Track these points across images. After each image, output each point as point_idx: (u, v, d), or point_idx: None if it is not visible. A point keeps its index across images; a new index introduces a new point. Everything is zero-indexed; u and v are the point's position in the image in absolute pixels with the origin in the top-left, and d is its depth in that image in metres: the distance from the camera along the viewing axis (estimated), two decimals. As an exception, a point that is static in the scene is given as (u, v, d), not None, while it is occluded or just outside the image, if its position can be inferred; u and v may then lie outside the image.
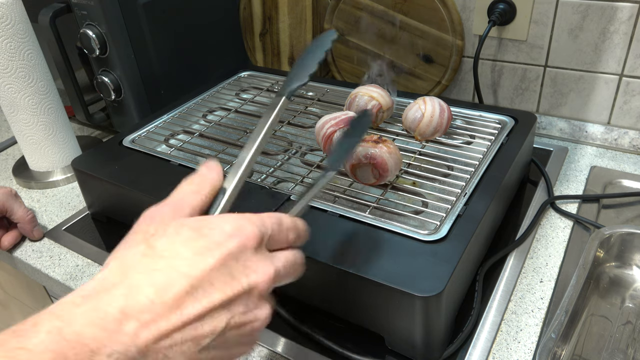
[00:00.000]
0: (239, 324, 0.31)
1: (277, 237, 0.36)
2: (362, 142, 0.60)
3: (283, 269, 0.35)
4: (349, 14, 0.96)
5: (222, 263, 0.31)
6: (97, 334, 0.26)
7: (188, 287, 0.29)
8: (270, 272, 0.33)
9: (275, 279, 0.33)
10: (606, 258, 0.62)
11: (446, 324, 0.51)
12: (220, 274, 0.30)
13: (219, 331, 0.30)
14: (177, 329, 0.28)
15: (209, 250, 0.31)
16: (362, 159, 0.59)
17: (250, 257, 0.32)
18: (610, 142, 0.85)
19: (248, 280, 0.31)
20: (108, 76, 0.88)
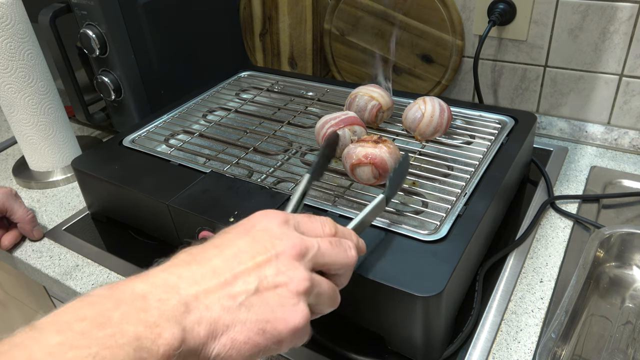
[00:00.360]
0: (272, 284, 0.34)
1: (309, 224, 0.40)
2: (362, 142, 0.60)
3: (311, 244, 0.37)
4: (349, 14, 0.96)
5: (253, 239, 0.36)
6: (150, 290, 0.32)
7: (225, 262, 0.35)
8: (296, 241, 0.37)
9: (302, 248, 0.36)
10: (606, 258, 0.62)
11: (446, 324, 0.51)
12: (253, 248, 0.36)
13: (252, 290, 0.33)
14: (217, 289, 0.33)
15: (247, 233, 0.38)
16: (362, 159, 0.58)
17: (276, 232, 0.37)
18: (610, 142, 0.85)
19: (275, 248, 0.36)
20: (108, 76, 0.88)
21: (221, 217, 0.57)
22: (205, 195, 0.61)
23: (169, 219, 0.63)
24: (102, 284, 0.66)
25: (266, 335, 0.33)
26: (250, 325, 0.33)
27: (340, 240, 0.40)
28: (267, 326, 0.33)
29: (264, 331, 0.33)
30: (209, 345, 0.32)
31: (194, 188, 0.63)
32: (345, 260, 0.39)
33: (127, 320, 0.29)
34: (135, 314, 0.30)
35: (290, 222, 0.39)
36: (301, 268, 0.36)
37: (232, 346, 0.32)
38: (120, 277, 0.67)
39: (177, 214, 0.61)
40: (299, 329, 0.34)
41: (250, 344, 0.33)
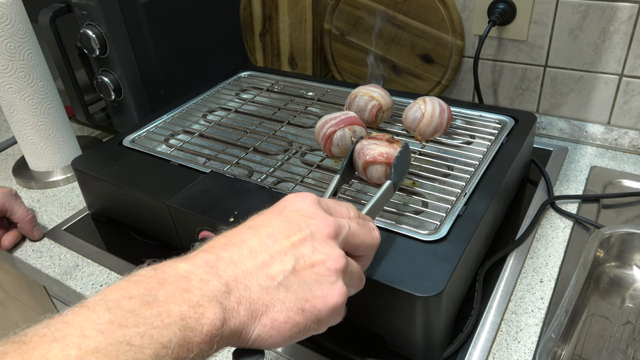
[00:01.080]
0: (310, 263, 0.35)
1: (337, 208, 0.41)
2: (375, 140, 0.60)
3: (343, 224, 0.38)
4: (349, 14, 0.96)
5: (286, 219, 0.37)
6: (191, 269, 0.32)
7: (261, 243, 0.35)
8: (329, 220, 0.37)
9: (335, 227, 0.37)
10: (606, 258, 0.62)
11: (446, 324, 0.51)
12: (287, 227, 0.36)
13: (290, 269, 0.34)
14: (256, 270, 0.33)
15: (280, 215, 0.38)
16: (378, 157, 0.58)
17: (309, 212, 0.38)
18: (610, 142, 0.85)
19: (309, 227, 0.36)
20: (108, 76, 0.88)
21: (221, 217, 0.57)
22: (205, 195, 0.61)
23: (169, 219, 0.63)
24: (102, 284, 0.66)
25: (306, 314, 0.33)
26: (289, 305, 0.33)
27: (365, 222, 0.41)
28: (307, 305, 0.33)
29: (303, 310, 0.33)
30: (249, 326, 0.32)
31: (194, 188, 0.63)
32: (371, 241, 0.40)
33: (172, 299, 0.30)
34: (179, 293, 0.30)
35: (321, 204, 0.39)
36: (336, 246, 0.36)
37: (272, 326, 0.33)
38: (120, 277, 0.66)
39: (177, 214, 0.61)
40: (337, 306, 0.35)
41: (290, 324, 0.33)
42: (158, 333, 0.28)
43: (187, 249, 0.63)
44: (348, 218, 0.39)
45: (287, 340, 0.33)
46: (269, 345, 0.33)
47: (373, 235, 0.41)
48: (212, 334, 0.30)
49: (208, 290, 0.31)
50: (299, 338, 0.34)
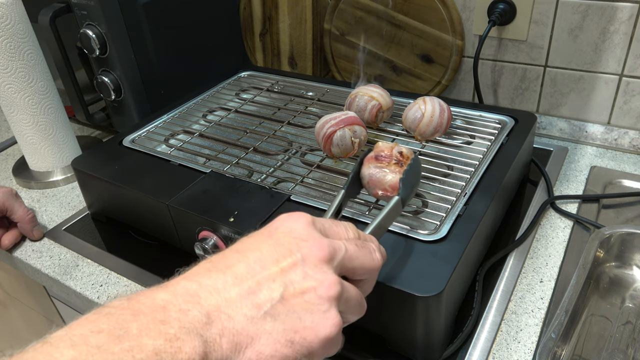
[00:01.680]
0: (300, 290, 0.32)
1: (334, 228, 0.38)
2: (383, 162, 0.55)
3: (339, 246, 0.35)
4: (349, 14, 0.96)
5: (277, 242, 0.34)
6: (170, 299, 0.30)
7: (247, 268, 0.32)
8: (323, 242, 0.34)
9: (330, 250, 0.34)
10: (606, 258, 0.62)
11: (446, 324, 0.51)
12: (276, 251, 0.33)
13: (278, 297, 0.31)
14: (240, 298, 0.31)
15: (270, 237, 0.35)
16: (389, 190, 0.53)
17: (302, 234, 0.35)
18: (610, 142, 0.85)
19: (300, 251, 0.33)
20: (108, 76, 0.88)
21: (221, 217, 0.57)
22: (205, 195, 0.61)
23: (169, 219, 0.63)
24: (102, 284, 0.66)
25: (295, 347, 0.31)
26: (277, 336, 0.30)
27: (365, 243, 0.38)
28: (296, 336, 0.31)
29: (292, 342, 0.31)
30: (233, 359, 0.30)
31: (194, 188, 0.63)
32: (371, 264, 0.37)
33: (147, 332, 0.28)
34: (155, 325, 0.28)
35: (316, 224, 0.36)
36: (330, 271, 0.33)
37: (259, 359, 0.30)
38: (120, 277, 0.67)
39: (177, 214, 0.61)
40: (330, 338, 0.32)
41: (277, 357, 0.30)
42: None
43: (187, 249, 0.64)
44: (346, 239, 0.37)
45: None
46: None
47: (374, 257, 0.38)
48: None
49: (187, 321, 0.29)
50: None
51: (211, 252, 0.58)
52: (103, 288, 0.65)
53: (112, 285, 0.66)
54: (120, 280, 0.66)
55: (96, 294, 0.65)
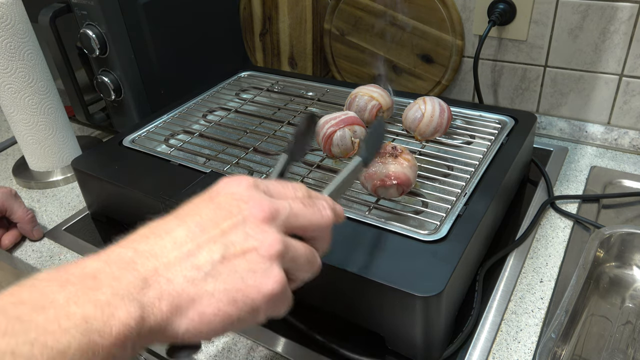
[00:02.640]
0: (241, 250, 0.32)
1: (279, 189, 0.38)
2: (379, 157, 0.57)
3: (282, 205, 0.35)
4: (349, 14, 0.96)
5: (217, 205, 0.34)
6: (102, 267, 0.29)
7: (187, 232, 0.32)
8: (264, 202, 0.34)
9: (271, 210, 0.34)
10: (606, 258, 0.62)
11: (446, 324, 0.51)
12: (217, 214, 0.33)
13: (218, 258, 0.31)
14: (179, 261, 0.31)
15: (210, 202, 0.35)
16: (387, 180, 0.56)
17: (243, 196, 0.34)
18: (610, 142, 0.85)
19: (241, 212, 0.33)
20: (108, 76, 0.88)
21: (221, 217, 0.57)
22: (205, 195, 0.61)
23: (169, 219, 0.63)
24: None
25: (238, 305, 0.31)
26: (219, 296, 0.30)
27: (314, 201, 0.37)
28: (238, 295, 0.31)
29: (235, 301, 0.31)
30: (174, 322, 0.29)
31: (194, 188, 0.63)
32: (320, 221, 0.37)
33: (75, 301, 0.27)
34: (83, 294, 0.27)
35: (259, 186, 0.36)
36: (272, 230, 0.33)
37: (201, 320, 0.30)
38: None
39: (177, 214, 0.61)
40: (274, 294, 0.32)
41: (221, 316, 0.30)
42: (53, 339, 0.25)
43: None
44: (292, 198, 0.36)
45: (220, 332, 0.31)
46: (200, 338, 0.31)
47: (323, 214, 0.37)
48: (124, 335, 0.27)
49: (121, 288, 0.28)
50: (234, 329, 0.32)
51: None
52: (103, 288, 0.65)
53: (112, 285, 0.66)
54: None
55: (96, 294, 0.64)
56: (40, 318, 0.25)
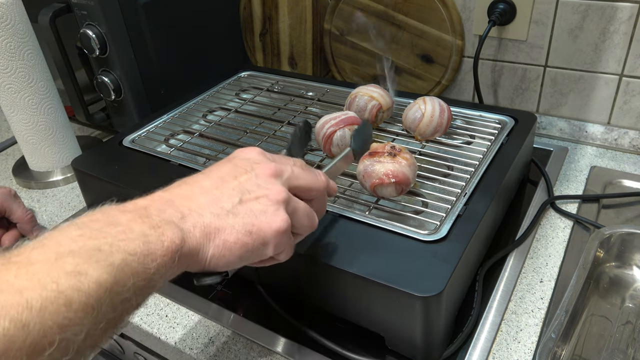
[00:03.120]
0: (255, 196, 0.40)
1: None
2: (377, 156, 0.58)
3: (286, 167, 0.43)
4: (349, 14, 0.96)
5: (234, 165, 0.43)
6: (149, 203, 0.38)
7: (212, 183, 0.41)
8: (272, 164, 0.43)
9: (277, 169, 0.42)
10: (606, 258, 0.62)
11: (446, 324, 0.51)
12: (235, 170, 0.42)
13: (237, 201, 0.39)
14: (208, 203, 0.39)
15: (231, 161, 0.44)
16: (384, 179, 0.56)
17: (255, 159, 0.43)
18: (610, 142, 0.85)
19: (254, 170, 0.42)
20: (108, 76, 0.88)
21: (221, 217, 0.57)
22: (205, 195, 0.61)
23: (169, 219, 0.62)
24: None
25: (253, 236, 0.39)
26: (238, 228, 0.38)
27: (310, 168, 0.46)
28: (253, 228, 0.39)
29: (250, 233, 0.38)
30: (205, 246, 0.37)
31: (194, 188, 0.63)
32: (316, 184, 0.45)
33: (134, 222, 0.34)
34: (140, 218, 0.35)
35: (266, 154, 0.44)
36: (278, 183, 0.41)
37: (225, 246, 0.38)
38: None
39: (177, 214, 0.61)
40: (280, 231, 0.39)
41: (239, 244, 0.38)
42: (124, 244, 0.32)
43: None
44: (293, 165, 0.44)
45: (238, 259, 0.39)
46: (223, 263, 0.38)
47: (318, 179, 0.45)
48: (172, 249, 0.35)
49: (165, 217, 0.36)
50: (248, 258, 0.39)
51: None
52: (103, 288, 0.65)
53: (112, 285, 0.66)
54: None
55: (96, 294, 0.64)
56: (113, 230, 0.33)
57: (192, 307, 0.61)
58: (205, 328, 0.59)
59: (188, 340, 0.57)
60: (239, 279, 0.62)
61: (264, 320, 0.58)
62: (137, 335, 0.62)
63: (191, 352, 0.56)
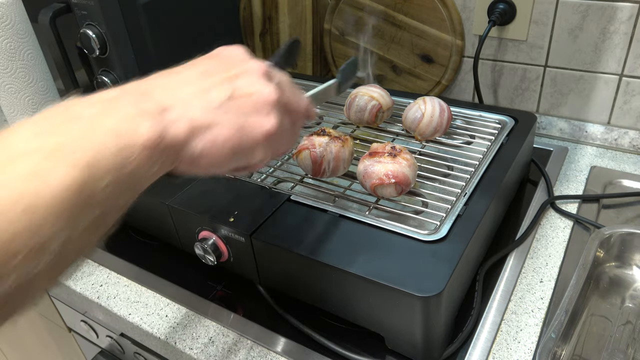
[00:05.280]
0: (246, 93, 0.36)
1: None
2: (377, 156, 0.58)
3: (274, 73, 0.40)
4: (349, 14, 0.96)
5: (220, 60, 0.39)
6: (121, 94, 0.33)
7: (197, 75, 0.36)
8: (262, 65, 0.39)
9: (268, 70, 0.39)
10: (606, 258, 0.62)
11: (446, 324, 0.51)
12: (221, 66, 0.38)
13: (227, 96, 0.35)
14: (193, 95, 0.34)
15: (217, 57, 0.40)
16: (384, 179, 0.56)
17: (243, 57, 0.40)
18: (610, 142, 0.85)
19: (244, 65, 0.38)
20: (108, 76, 0.87)
21: (221, 217, 0.57)
22: (205, 195, 0.61)
23: (169, 219, 0.63)
24: (102, 284, 0.66)
25: (243, 137, 0.35)
26: (229, 125, 0.35)
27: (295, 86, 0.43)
28: (245, 128, 0.35)
29: (241, 132, 0.35)
30: (191, 143, 0.33)
31: (194, 188, 0.63)
32: (300, 100, 0.42)
33: (102, 115, 0.30)
34: (108, 112, 0.30)
35: (252, 55, 0.40)
36: (270, 84, 0.37)
37: (214, 144, 0.34)
38: (120, 277, 0.67)
39: (177, 214, 0.61)
40: (271, 134, 0.36)
41: (230, 143, 0.35)
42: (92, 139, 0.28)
43: (187, 249, 0.64)
44: (280, 75, 0.42)
45: (226, 159, 0.35)
46: (209, 163, 0.35)
47: (301, 96, 0.43)
48: (150, 144, 0.30)
49: (141, 108, 0.31)
50: (235, 161, 0.36)
51: (211, 252, 0.58)
52: (103, 288, 0.65)
53: (112, 285, 0.66)
54: (120, 280, 0.66)
55: (96, 294, 0.65)
56: (75, 126, 0.28)
57: (192, 307, 0.61)
58: (205, 328, 0.59)
59: (188, 340, 0.57)
60: (239, 279, 0.62)
61: (264, 320, 0.58)
62: (137, 335, 0.62)
63: (191, 352, 0.56)
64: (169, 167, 0.34)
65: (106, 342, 0.79)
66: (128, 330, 0.63)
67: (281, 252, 0.53)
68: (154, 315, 0.61)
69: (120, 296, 0.64)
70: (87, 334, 0.83)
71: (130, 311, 0.62)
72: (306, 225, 0.55)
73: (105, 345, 0.81)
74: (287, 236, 0.54)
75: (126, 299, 0.63)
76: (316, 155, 0.60)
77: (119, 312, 0.62)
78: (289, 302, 0.58)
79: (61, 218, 0.26)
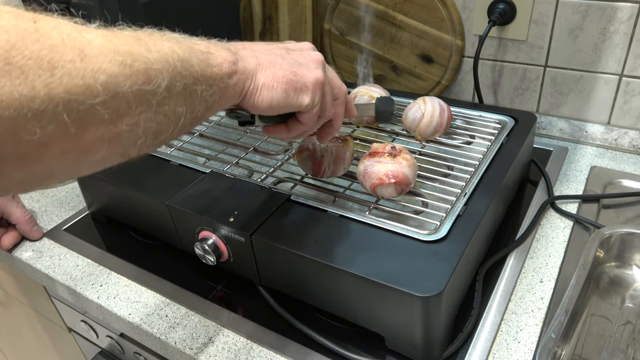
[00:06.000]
0: (300, 54, 0.47)
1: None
2: (377, 156, 0.58)
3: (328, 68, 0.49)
4: (349, 14, 0.96)
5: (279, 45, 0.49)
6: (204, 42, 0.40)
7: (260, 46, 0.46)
8: (319, 54, 0.49)
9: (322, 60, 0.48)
10: (606, 258, 0.62)
11: (446, 324, 0.51)
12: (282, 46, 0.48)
13: (285, 52, 0.46)
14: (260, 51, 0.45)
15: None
16: (384, 179, 0.56)
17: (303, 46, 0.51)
18: (610, 142, 0.85)
19: (302, 49, 0.49)
20: (108, 76, 0.87)
21: (221, 217, 0.57)
22: (205, 195, 0.61)
23: (169, 219, 0.63)
24: (102, 284, 0.66)
25: (296, 77, 0.44)
26: (285, 66, 0.44)
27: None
28: (298, 71, 0.45)
29: (295, 73, 0.44)
30: (257, 73, 0.42)
31: (194, 188, 0.63)
32: (342, 86, 0.51)
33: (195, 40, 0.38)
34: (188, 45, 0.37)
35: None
36: (319, 67, 0.47)
37: (274, 78, 0.43)
38: (120, 277, 0.67)
39: (177, 214, 0.61)
40: (318, 81, 0.46)
41: (285, 79, 0.43)
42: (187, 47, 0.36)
43: (187, 249, 0.64)
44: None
45: (282, 94, 0.43)
46: (268, 95, 0.43)
47: (343, 84, 0.51)
48: (228, 64, 0.39)
49: (223, 46, 0.41)
50: (288, 99, 0.44)
51: (211, 252, 0.58)
52: (103, 288, 0.65)
53: (112, 285, 0.66)
54: (120, 280, 0.66)
55: (96, 294, 0.65)
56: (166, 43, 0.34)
57: (192, 307, 0.61)
58: (205, 328, 0.59)
59: (188, 340, 0.57)
60: (239, 278, 0.62)
61: (264, 320, 0.58)
62: (137, 335, 0.62)
63: (191, 352, 0.56)
64: (237, 98, 0.42)
65: (106, 342, 0.79)
66: (128, 330, 0.63)
67: (281, 252, 0.53)
68: (154, 315, 0.61)
69: (120, 296, 0.64)
70: (87, 334, 0.83)
71: (130, 311, 0.62)
72: (306, 225, 0.55)
73: (105, 345, 0.81)
74: (287, 236, 0.54)
75: (126, 299, 0.63)
76: (316, 156, 0.60)
77: (119, 312, 0.62)
78: (289, 302, 0.58)
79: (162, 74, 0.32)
